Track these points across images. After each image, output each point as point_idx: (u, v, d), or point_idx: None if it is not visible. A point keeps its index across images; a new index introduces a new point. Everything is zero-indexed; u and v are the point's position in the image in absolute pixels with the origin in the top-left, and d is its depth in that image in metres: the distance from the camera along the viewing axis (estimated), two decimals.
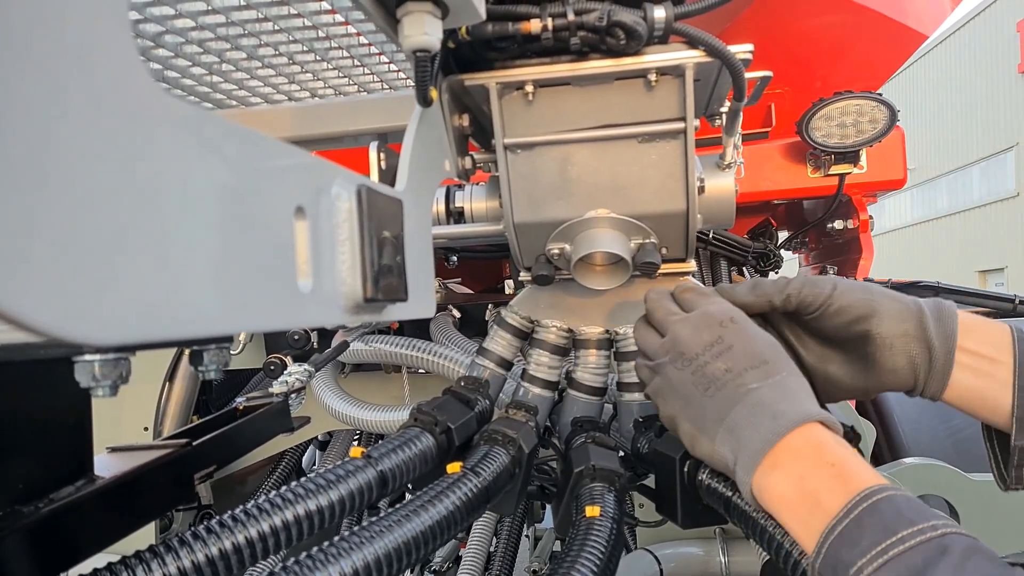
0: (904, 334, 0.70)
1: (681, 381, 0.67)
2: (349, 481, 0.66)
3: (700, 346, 0.67)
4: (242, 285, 0.38)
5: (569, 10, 0.71)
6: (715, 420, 0.64)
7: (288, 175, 0.43)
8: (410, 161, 0.66)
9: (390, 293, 0.53)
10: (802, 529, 0.57)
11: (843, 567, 0.51)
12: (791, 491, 0.58)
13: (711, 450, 0.65)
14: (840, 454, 0.59)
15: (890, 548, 0.49)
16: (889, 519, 0.51)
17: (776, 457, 0.60)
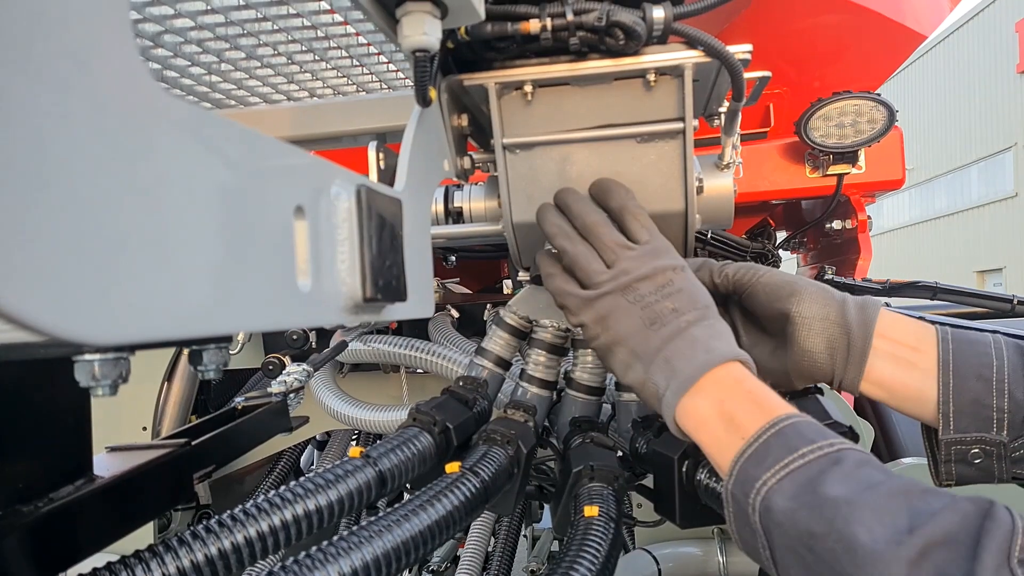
0: (824, 317, 0.73)
1: (629, 314, 0.71)
2: (348, 481, 0.66)
3: (653, 287, 0.71)
4: (242, 285, 0.38)
5: (568, 10, 0.72)
6: (655, 350, 0.68)
7: (288, 175, 0.44)
8: (409, 161, 0.66)
9: (389, 293, 0.53)
10: (718, 451, 0.62)
11: (749, 483, 0.56)
12: (711, 413, 0.63)
13: (644, 377, 0.69)
14: (758, 386, 0.65)
15: (791, 463, 0.54)
16: (793, 440, 0.56)
17: (703, 385, 0.65)
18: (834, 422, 0.77)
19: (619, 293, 0.71)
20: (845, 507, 0.49)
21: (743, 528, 0.58)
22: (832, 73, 1.79)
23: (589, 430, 0.90)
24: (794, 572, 0.52)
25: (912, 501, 0.48)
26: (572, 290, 0.75)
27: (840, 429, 0.75)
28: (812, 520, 0.50)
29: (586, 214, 0.76)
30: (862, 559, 0.45)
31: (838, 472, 0.52)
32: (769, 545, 0.54)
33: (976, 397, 0.67)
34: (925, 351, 0.70)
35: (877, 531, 0.46)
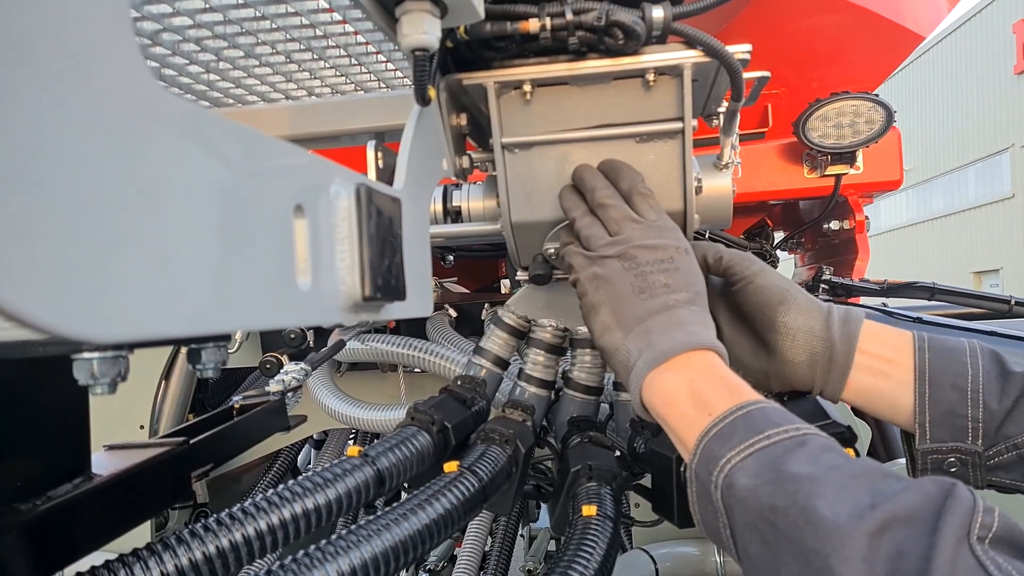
0: (809, 330, 0.75)
1: (621, 278, 0.71)
2: (347, 479, 0.66)
3: (653, 258, 0.72)
4: (242, 283, 0.38)
5: (567, 10, 0.72)
6: (636, 319, 0.69)
7: (288, 174, 0.44)
8: (408, 160, 0.66)
9: (388, 292, 0.53)
10: (683, 428, 0.62)
11: (714, 460, 0.56)
12: (680, 389, 0.63)
13: (619, 343, 0.70)
14: (730, 374, 0.64)
15: (756, 443, 0.55)
16: (759, 422, 0.57)
17: (675, 363, 0.65)
18: (832, 422, 0.77)
19: (617, 258, 0.72)
20: (808, 483, 0.49)
21: (705, 507, 0.58)
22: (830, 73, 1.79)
23: (587, 429, 0.90)
24: (753, 549, 0.51)
25: (874, 482, 0.48)
26: (578, 250, 0.76)
27: (838, 429, 0.75)
28: (774, 495, 0.50)
29: (597, 189, 0.77)
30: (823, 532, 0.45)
31: (802, 453, 0.53)
32: (730, 523, 0.54)
33: (951, 407, 0.68)
34: (901, 362, 0.71)
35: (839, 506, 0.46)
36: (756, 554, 0.51)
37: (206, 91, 1.23)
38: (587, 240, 0.76)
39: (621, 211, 0.76)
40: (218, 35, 1.04)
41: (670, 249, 0.73)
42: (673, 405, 0.63)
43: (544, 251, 0.87)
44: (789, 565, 0.47)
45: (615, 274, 0.72)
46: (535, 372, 0.97)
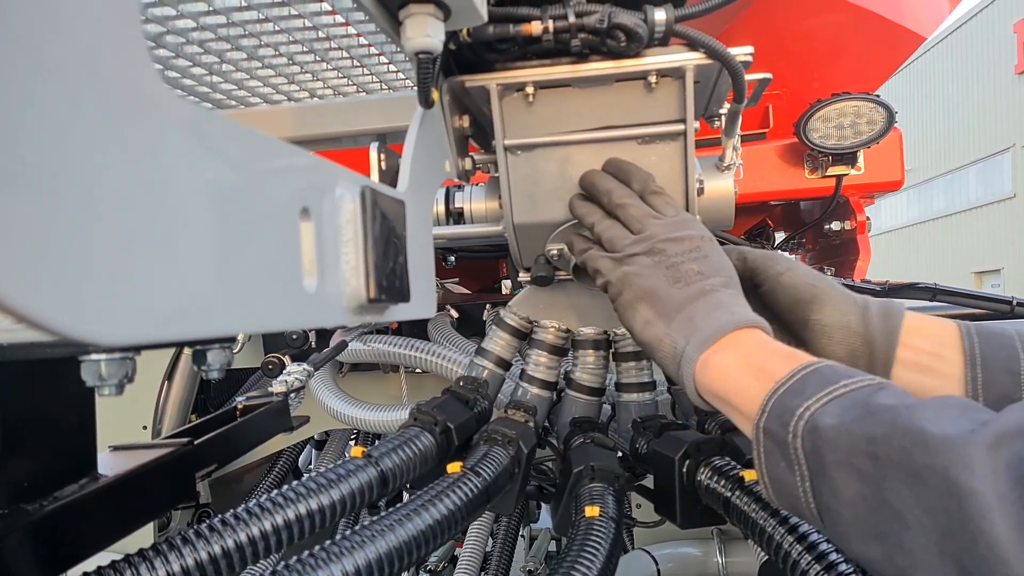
0: (845, 327, 0.72)
1: (654, 272, 0.71)
2: (350, 480, 0.66)
3: (681, 249, 0.72)
4: (249, 285, 0.39)
5: (570, 12, 0.72)
6: (676, 308, 0.69)
7: (294, 176, 0.44)
8: (412, 162, 0.67)
9: (393, 294, 0.54)
10: (744, 399, 0.60)
11: (789, 412, 0.53)
12: (736, 365, 0.62)
13: (664, 333, 0.69)
14: (783, 345, 0.63)
15: (834, 391, 0.52)
16: (829, 376, 0.54)
17: (724, 343, 0.64)
18: None
19: (646, 254, 0.72)
20: (905, 410, 0.47)
21: (776, 464, 0.55)
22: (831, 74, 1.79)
23: (589, 430, 0.90)
24: (849, 490, 0.48)
25: (968, 410, 0.47)
26: (602, 254, 0.76)
27: None
28: (870, 425, 0.48)
29: (613, 191, 0.78)
30: (936, 448, 0.43)
31: (885, 393, 0.50)
32: (811, 472, 0.51)
33: (1005, 392, 0.66)
34: (948, 356, 0.69)
35: (945, 426, 0.44)
36: (852, 495, 0.48)
37: (209, 93, 1.23)
38: (610, 242, 0.75)
39: (641, 209, 0.76)
40: (221, 37, 1.05)
41: (696, 239, 0.73)
42: (730, 380, 0.61)
43: (547, 252, 0.88)
44: (898, 491, 0.45)
45: (647, 269, 0.72)
46: (537, 373, 0.97)
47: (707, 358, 0.64)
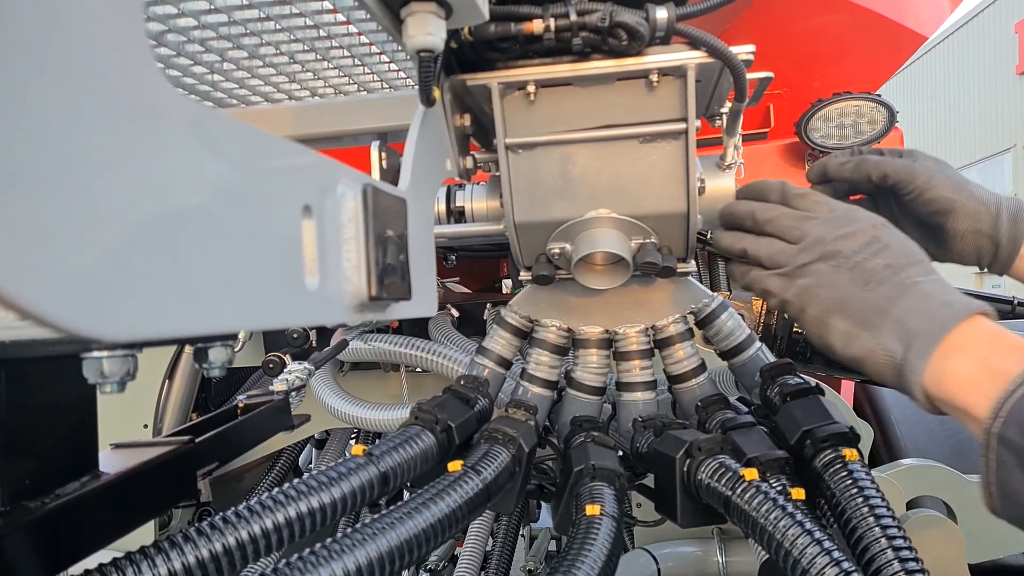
0: (976, 231, 0.84)
1: (837, 278, 0.66)
2: (351, 479, 0.66)
3: (857, 245, 0.67)
4: (251, 283, 0.39)
5: (571, 10, 0.72)
6: (879, 312, 0.64)
7: (296, 174, 0.44)
8: (413, 161, 0.67)
9: (394, 292, 0.54)
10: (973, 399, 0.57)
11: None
12: (974, 370, 0.57)
13: (873, 344, 0.64)
14: (1012, 336, 0.59)
15: None
16: None
17: (953, 342, 0.59)
18: (834, 422, 0.77)
19: (819, 260, 0.68)
20: None
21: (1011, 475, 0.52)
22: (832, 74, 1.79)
23: (590, 429, 0.90)
24: None
25: None
26: (768, 273, 0.72)
27: (841, 429, 0.75)
28: None
29: (755, 210, 0.75)
30: None
31: None
32: None
33: None
34: None
35: None
36: None
37: (210, 91, 1.23)
38: (773, 258, 0.71)
39: (793, 215, 0.72)
40: (222, 36, 1.05)
41: (868, 229, 0.68)
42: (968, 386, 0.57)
43: (548, 251, 0.88)
44: None
45: (827, 277, 0.66)
46: (538, 372, 0.97)
47: (937, 365, 0.59)
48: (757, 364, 0.94)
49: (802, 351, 1.41)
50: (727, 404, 0.92)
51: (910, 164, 0.85)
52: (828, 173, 0.92)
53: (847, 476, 0.71)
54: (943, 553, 1.07)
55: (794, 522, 0.64)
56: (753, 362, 0.94)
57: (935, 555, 1.06)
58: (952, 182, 0.84)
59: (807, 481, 0.76)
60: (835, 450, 0.74)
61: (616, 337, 0.97)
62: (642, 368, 0.96)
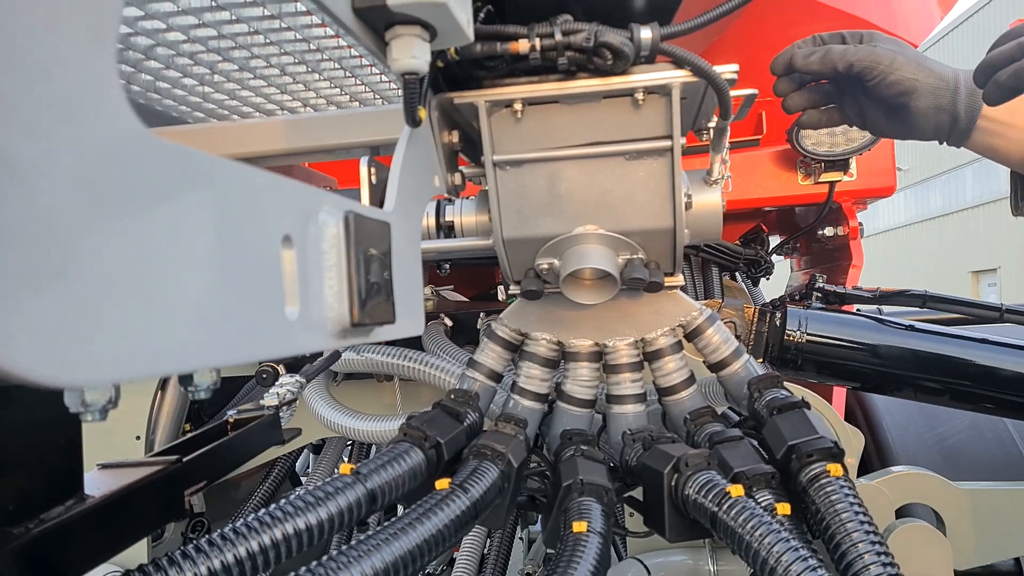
0: (937, 107, 0.91)
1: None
2: (338, 499, 0.66)
3: None
4: (230, 318, 0.39)
5: (557, 31, 0.72)
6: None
7: (275, 205, 0.44)
8: (399, 182, 0.67)
9: (377, 316, 0.54)
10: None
11: None
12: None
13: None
14: None
15: None
16: None
17: None
18: (820, 437, 0.77)
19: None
20: None
21: None
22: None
23: (580, 443, 0.91)
24: None
25: None
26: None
27: (825, 444, 0.76)
28: None
29: None
30: None
31: None
32: None
33: None
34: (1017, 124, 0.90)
35: None
36: None
37: (200, 103, 1.23)
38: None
39: None
40: (212, 49, 1.05)
41: None
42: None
43: (536, 266, 0.88)
44: None
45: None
46: (529, 385, 0.98)
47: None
48: (745, 376, 0.94)
49: (793, 358, 1.41)
50: (715, 416, 0.92)
51: (873, 50, 0.92)
52: (795, 66, 0.98)
53: (832, 492, 0.72)
54: (929, 563, 1.07)
55: (779, 539, 0.64)
56: (741, 374, 0.95)
57: (921, 565, 1.07)
58: (913, 62, 0.91)
59: (793, 495, 0.77)
60: (820, 465, 0.74)
61: (606, 350, 0.97)
62: (632, 381, 0.97)
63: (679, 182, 0.81)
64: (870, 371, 1.39)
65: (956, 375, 1.35)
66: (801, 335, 1.39)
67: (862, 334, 1.40)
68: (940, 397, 1.38)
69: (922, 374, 1.37)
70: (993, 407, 1.37)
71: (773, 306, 1.51)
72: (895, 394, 1.42)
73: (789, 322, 1.41)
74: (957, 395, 1.37)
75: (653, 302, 0.95)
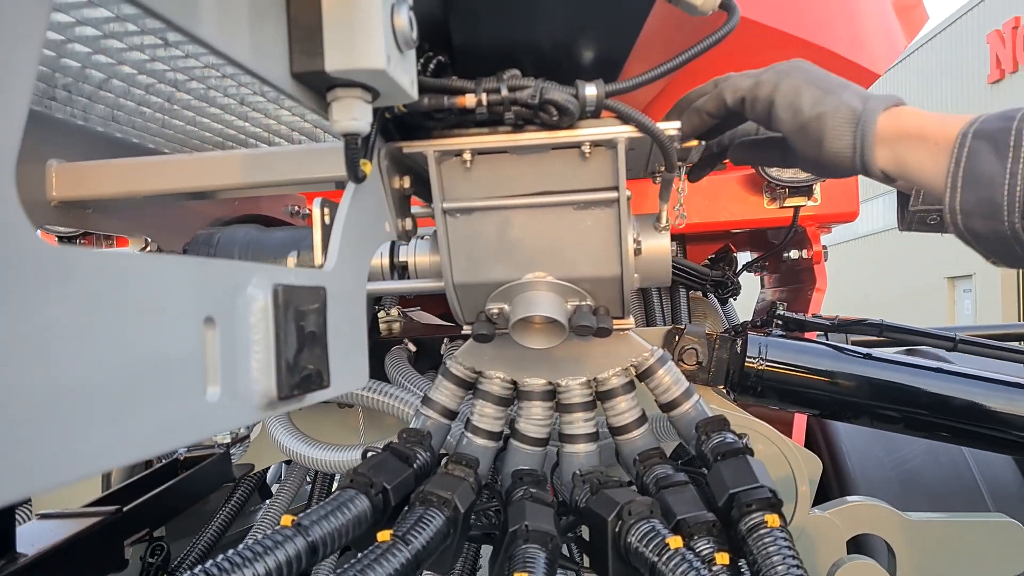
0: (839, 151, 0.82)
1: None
2: (277, 552, 0.66)
3: None
4: (143, 412, 0.39)
5: (503, 86, 0.73)
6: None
7: (193, 289, 0.44)
8: (341, 239, 0.67)
9: (307, 385, 0.54)
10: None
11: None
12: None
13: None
14: None
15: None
16: None
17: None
18: (760, 486, 0.79)
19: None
20: None
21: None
22: None
23: (530, 483, 0.92)
24: None
25: None
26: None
27: (763, 494, 0.77)
28: None
29: None
30: None
31: None
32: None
33: None
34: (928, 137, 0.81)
35: None
36: None
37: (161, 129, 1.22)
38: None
39: None
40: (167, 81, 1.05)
41: None
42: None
43: (487, 311, 0.89)
44: None
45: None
46: (482, 424, 0.98)
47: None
48: (695, 417, 0.96)
49: (753, 385, 1.43)
50: (664, 458, 0.93)
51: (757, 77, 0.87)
52: None
53: (768, 543, 0.73)
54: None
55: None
56: (691, 415, 0.96)
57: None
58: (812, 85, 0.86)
59: (734, 542, 0.78)
60: (759, 515, 0.76)
61: (559, 389, 0.98)
62: (584, 420, 0.98)
63: (626, 233, 0.82)
64: (828, 398, 1.41)
65: (911, 404, 1.37)
66: (760, 362, 1.41)
67: (820, 361, 1.42)
68: (896, 425, 1.41)
69: (878, 402, 1.39)
70: (948, 435, 1.40)
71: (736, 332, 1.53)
72: (853, 421, 1.44)
73: (749, 349, 1.42)
74: (912, 423, 1.39)
75: (606, 343, 0.96)
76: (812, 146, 0.78)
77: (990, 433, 1.36)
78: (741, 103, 0.83)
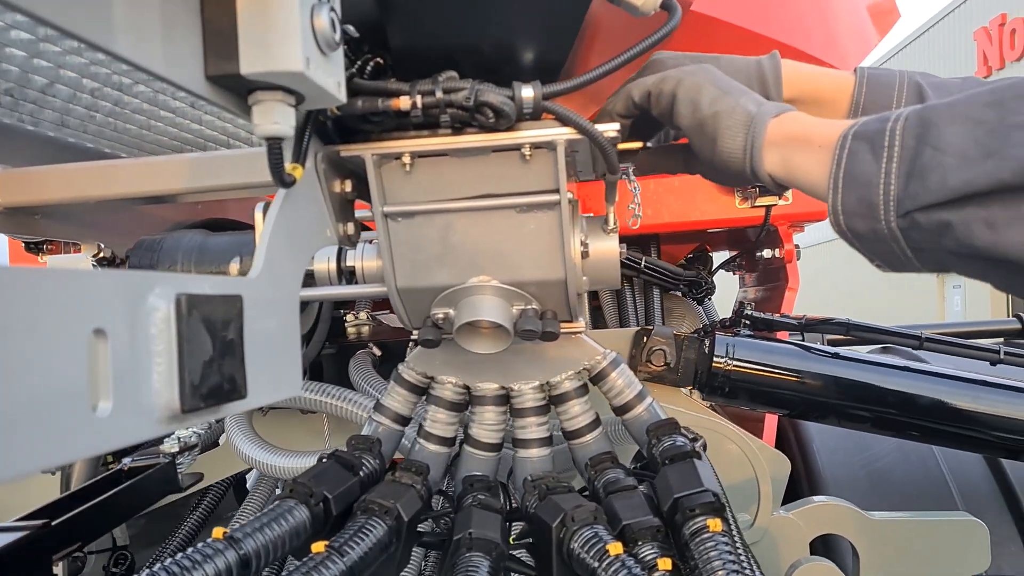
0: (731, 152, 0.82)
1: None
2: (205, 566, 0.65)
3: None
4: (22, 430, 0.38)
5: (438, 89, 0.72)
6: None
7: (80, 302, 0.43)
8: (268, 245, 0.66)
9: (218, 397, 0.53)
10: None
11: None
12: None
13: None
14: None
15: None
16: None
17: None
18: (704, 490, 0.78)
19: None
20: None
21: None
22: None
23: (481, 490, 0.90)
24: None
25: None
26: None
27: (707, 499, 0.76)
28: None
29: None
30: None
31: None
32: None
33: None
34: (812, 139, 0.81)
35: None
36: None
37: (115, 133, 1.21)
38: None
39: None
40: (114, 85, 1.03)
41: None
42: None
43: (432, 316, 0.87)
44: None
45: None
46: (434, 430, 0.97)
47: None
48: (648, 419, 0.95)
49: (721, 385, 1.42)
50: (616, 462, 0.92)
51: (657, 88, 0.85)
52: None
53: (710, 548, 0.72)
54: None
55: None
56: (644, 418, 0.95)
57: None
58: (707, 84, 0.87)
59: (679, 547, 0.77)
60: (701, 520, 0.75)
61: (512, 393, 0.97)
62: (537, 425, 0.97)
63: (568, 235, 0.81)
64: (795, 398, 1.41)
65: (879, 403, 1.37)
66: (728, 362, 1.40)
67: (787, 361, 1.42)
68: (864, 424, 1.40)
69: (846, 401, 1.39)
70: (917, 435, 1.40)
71: (705, 332, 1.53)
72: (821, 421, 1.44)
73: (717, 348, 1.42)
74: (881, 423, 1.39)
75: (558, 346, 0.95)
76: (707, 144, 0.79)
77: (958, 431, 1.36)
78: (647, 98, 0.83)
